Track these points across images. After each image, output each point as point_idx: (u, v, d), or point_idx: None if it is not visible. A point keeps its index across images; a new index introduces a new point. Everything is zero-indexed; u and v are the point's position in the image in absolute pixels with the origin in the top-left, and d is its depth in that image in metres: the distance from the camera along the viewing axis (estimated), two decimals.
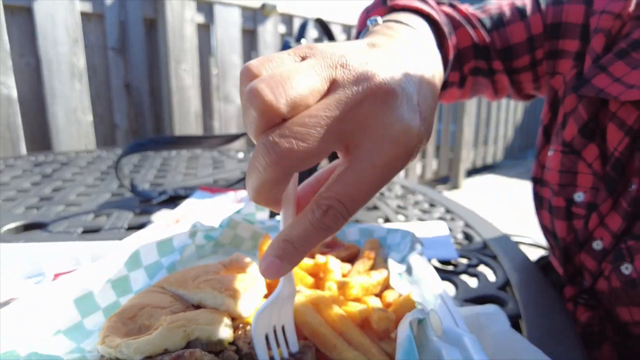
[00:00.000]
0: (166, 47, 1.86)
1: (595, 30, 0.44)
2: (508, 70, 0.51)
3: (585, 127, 0.44)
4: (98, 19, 1.77)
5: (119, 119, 1.88)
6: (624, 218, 0.41)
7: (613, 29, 0.43)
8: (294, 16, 2.32)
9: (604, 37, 0.43)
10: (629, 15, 0.43)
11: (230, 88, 2.14)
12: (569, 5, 0.47)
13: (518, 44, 0.49)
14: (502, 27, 0.50)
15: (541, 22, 0.49)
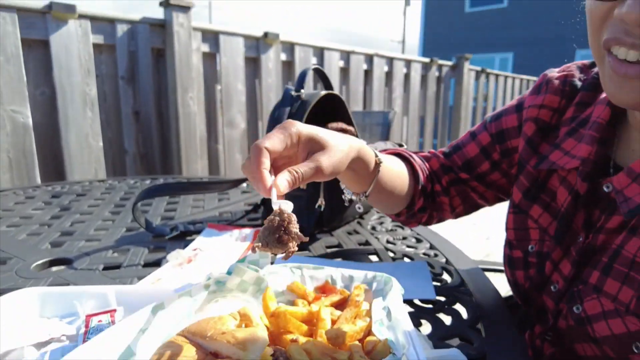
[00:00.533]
0: (174, 76, 1.95)
1: (525, 120, 0.57)
2: (476, 177, 0.64)
3: (528, 191, 0.55)
4: (110, 49, 1.87)
5: (127, 144, 1.96)
6: (573, 265, 0.48)
7: (543, 116, 0.55)
8: (295, 44, 2.42)
9: (532, 124, 0.56)
10: (568, 104, 0.54)
11: (235, 113, 2.22)
12: (506, 116, 0.61)
13: (474, 156, 0.63)
14: (459, 150, 0.65)
15: (488, 135, 0.62)
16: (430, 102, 3.61)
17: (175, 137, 2.03)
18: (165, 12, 1.92)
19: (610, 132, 0.49)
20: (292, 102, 0.81)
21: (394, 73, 3.15)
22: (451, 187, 0.66)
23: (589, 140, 0.49)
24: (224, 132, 2.22)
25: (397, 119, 3.30)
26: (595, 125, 0.49)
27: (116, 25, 1.84)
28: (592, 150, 0.48)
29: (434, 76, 3.58)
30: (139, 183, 1.22)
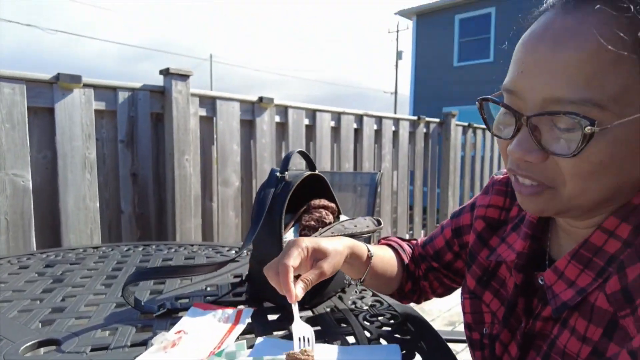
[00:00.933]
0: (171, 139, 2.04)
1: (476, 218, 0.65)
2: (444, 266, 0.75)
3: (480, 279, 0.62)
4: (111, 115, 1.97)
5: (124, 204, 2.02)
6: (519, 348, 0.53)
7: (490, 214, 0.63)
8: (289, 107, 2.55)
9: (482, 221, 0.64)
10: (512, 203, 0.63)
11: (230, 173, 2.30)
12: (463, 214, 0.71)
13: (441, 248, 0.74)
14: (431, 241, 0.77)
15: (450, 230, 0.73)
16: (419, 157, 3.72)
17: (170, 198, 2.09)
18: (164, 80, 2.05)
19: (544, 228, 0.56)
20: (277, 183, 0.87)
21: (383, 131, 3.28)
22: (428, 274, 0.78)
23: (523, 235, 0.55)
24: (218, 191, 2.29)
25: (387, 173, 3.39)
26: (527, 223, 0.56)
27: (118, 93, 1.95)
28: (525, 244, 0.54)
29: (422, 133, 3.72)
30: (132, 250, 1.26)
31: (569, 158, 0.40)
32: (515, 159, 0.45)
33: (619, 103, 0.38)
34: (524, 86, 0.42)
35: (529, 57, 0.42)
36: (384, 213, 3.40)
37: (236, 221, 2.37)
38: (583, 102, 0.38)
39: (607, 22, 0.38)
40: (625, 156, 0.40)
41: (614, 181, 0.42)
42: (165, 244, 1.36)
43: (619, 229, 0.44)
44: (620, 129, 0.39)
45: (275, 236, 0.82)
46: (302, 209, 0.95)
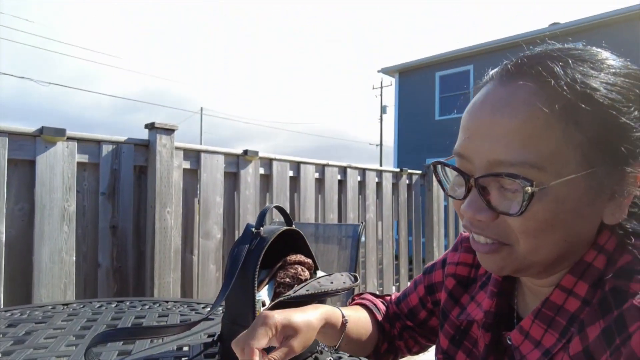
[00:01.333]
0: (153, 192, 2.04)
1: (446, 276, 0.66)
2: (419, 325, 0.74)
3: (453, 339, 0.62)
4: (93, 167, 1.97)
5: (102, 257, 1.97)
6: None
7: (460, 272, 0.64)
8: (273, 159, 2.59)
9: (452, 279, 0.65)
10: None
11: (211, 225, 2.28)
12: (435, 270, 0.72)
13: (415, 306, 0.74)
14: (405, 298, 0.77)
15: (423, 287, 0.74)
16: (403, 208, 3.76)
17: (150, 251, 2.05)
18: (149, 133, 2.08)
19: (510, 286, 0.56)
20: (252, 239, 0.87)
21: (366, 182, 3.33)
22: (403, 332, 0.77)
23: (490, 294, 0.56)
24: (199, 243, 2.26)
25: (372, 223, 3.40)
26: (493, 281, 0.57)
27: (102, 146, 1.96)
28: (492, 303, 0.55)
29: (405, 184, 3.78)
30: (104, 307, 1.22)
31: (516, 217, 0.42)
32: (468, 218, 0.47)
33: (554, 164, 0.41)
34: (471, 150, 0.46)
35: (473, 124, 0.46)
36: (369, 264, 3.36)
37: (217, 275, 2.32)
38: (521, 164, 0.41)
39: (535, 93, 0.42)
40: (570, 214, 0.42)
41: (563, 238, 0.43)
42: (139, 300, 1.32)
43: (577, 287, 0.45)
44: (560, 188, 0.41)
45: (248, 294, 0.81)
46: (277, 265, 0.95)
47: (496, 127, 0.43)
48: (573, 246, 0.45)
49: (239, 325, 0.80)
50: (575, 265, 0.46)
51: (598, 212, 0.44)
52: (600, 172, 0.42)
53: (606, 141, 0.42)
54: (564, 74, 0.42)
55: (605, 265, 0.45)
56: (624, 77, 0.44)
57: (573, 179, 0.41)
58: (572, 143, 0.41)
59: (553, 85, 0.42)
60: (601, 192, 0.43)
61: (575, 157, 0.41)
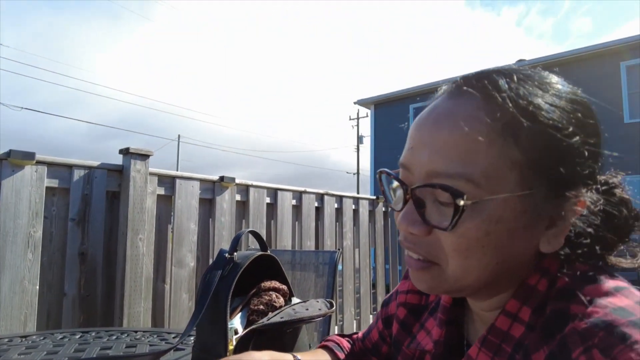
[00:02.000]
0: (125, 218, 1.99)
1: (398, 305, 0.64)
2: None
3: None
4: (63, 192, 1.91)
5: (68, 286, 1.88)
6: None
7: (411, 300, 0.63)
8: (250, 186, 2.58)
9: (403, 308, 0.63)
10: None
11: (185, 253, 2.23)
12: (391, 302, 0.69)
13: (377, 340, 0.71)
14: (369, 333, 0.73)
15: (381, 321, 0.70)
16: (380, 235, 3.77)
17: (120, 279, 1.98)
18: (124, 159, 2.04)
19: (460, 312, 0.54)
20: (225, 265, 0.86)
21: (343, 209, 3.34)
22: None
23: (439, 322, 0.53)
24: (172, 272, 2.19)
25: (349, 250, 3.39)
26: (442, 308, 0.54)
27: (73, 170, 1.91)
28: (441, 332, 0.52)
29: (381, 211, 3.81)
30: (67, 339, 1.16)
31: (448, 233, 0.41)
32: (402, 231, 0.46)
33: (490, 181, 0.40)
34: (412, 161, 0.45)
35: (416, 135, 0.46)
36: (346, 292, 3.33)
37: (189, 304, 2.25)
38: (457, 176, 0.40)
39: (478, 107, 0.42)
40: (502, 235, 0.41)
41: (495, 261, 0.42)
42: (106, 331, 1.26)
43: (521, 312, 0.43)
44: (493, 206, 0.40)
45: (220, 322, 0.79)
46: (251, 291, 0.93)
47: (437, 139, 0.43)
48: (507, 270, 0.43)
49: (210, 355, 0.77)
50: (519, 288, 0.45)
51: (534, 237, 0.43)
52: (538, 196, 0.41)
53: (546, 163, 0.41)
54: (509, 89, 0.42)
55: (547, 288, 0.43)
56: (569, 102, 0.43)
57: (508, 198, 0.40)
58: (511, 161, 0.40)
59: (497, 100, 0.41)
60: (538, 217, 0.42)
61: (512, 176, 0.40)
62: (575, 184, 0.42)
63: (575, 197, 0.42)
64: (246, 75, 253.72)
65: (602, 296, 0.39)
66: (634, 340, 0.33)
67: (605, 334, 0.35)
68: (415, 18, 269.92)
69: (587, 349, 0.35)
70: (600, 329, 0.35)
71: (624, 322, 0.35)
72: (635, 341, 0.33)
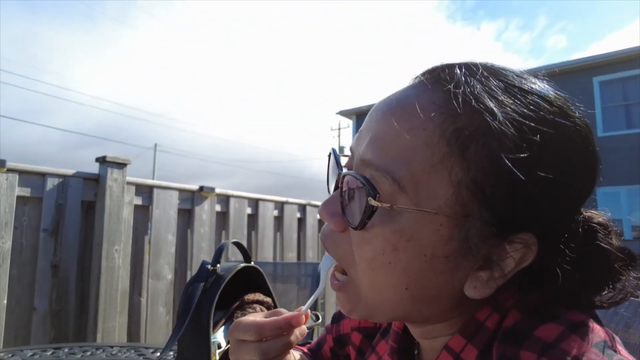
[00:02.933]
0: (101, 229, 1.92)
1: (352, 329, 0.59)
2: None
3: None
4: (36, 202, 1.84)
5: (38, 301, 1.80)
6: None
7: (364, 324, 0.58)
8: (231, 196, 2.54)
9: (357, 333, 0.57)
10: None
11: (162, 265, 2.17)
12: (342, 320, 0.62)
13: (330, 358, 0.64)
14: (320, 349, 0.66)
15: (332, 339, 0.64)
16: None
17: (94, 292, 1.91)
18: (100, 167, 1.99)
19: (410, 340, 0.48)
20: (208, 277, 0.83)
21: None
22: None
23: (390, 351, 0.48)
24: (148, 285, 2.13)
25: None
26: (393, 334, 0.48)
27: (47, 179, 1.85)
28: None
29: None
30: (38, 356, 1.10)
31: (357, 233, 0.36)
32: (324, 220, 0.41)
33: (419, 190, 0.34)
34: (355, 147, 0.40)
35: (367, 119, 0.41)
36: (329, 305, 3.30)
37: (167, 318, 2.18)
38: (384, 172, 0.35)
39: (434, 103, 0.36)
40: (413, 257, 0.35)
41: (404, 285, 0.36)
42: (80, 346, 1.20)
43: (465, 352, 0.37)
44: (410, 219, 0.34)
45: (203, 336, 0.76)
46: (235, 304, 0.90)
47: (380, 127, 0.37)
48: (424, 302, 0.37)
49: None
50: (466, 323, 0.38)
51: (458, 275, 0.35)
52: (473, 227, 0.34)
53: (491, 190, 0.33)
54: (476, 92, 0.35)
55: (496, 325, 0.36)
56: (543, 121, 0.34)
57: (432, 216, 0.34)
58: (450, 175, 0.33)
59: (453, 100, 0.35)
60: (468, 252, 0.34)
61: (447, 193, 0.34)
62: (524, 226, 0.33)
63: (523, 243, 0.34)
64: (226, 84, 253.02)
65: (560, 341, 0.32)
66: None
67: None
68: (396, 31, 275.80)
69: None
70: None
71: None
72: None
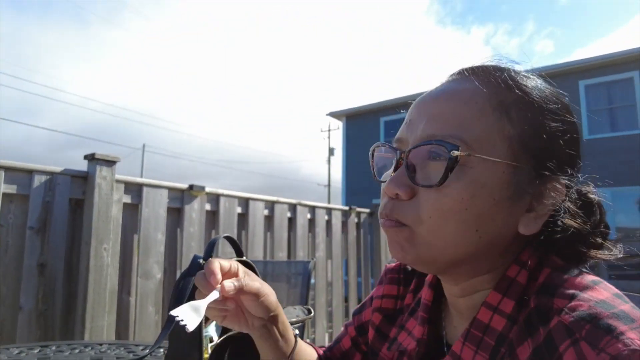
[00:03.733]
0: (89, 227, 1.90)
1: (373, 311, 0.63)
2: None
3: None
4: (22, 199, 1.80)
5: (24, 300, 1.77)
6: None
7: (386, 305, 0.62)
8: (221, 195, 2.53)
9: (378, 314, 0.63)
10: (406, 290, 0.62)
11: (152, 264, 2.15)
12: (365, 309, 0.67)
13: (348, 349, 0.68)
14: (337, 343, 0.71)
15: (354, 329, 0.68)
16: (352, 246, 3.77)
17: (82, 291, 1.88)
18: (89, 165, 1.96)
19: (438, 313, 0.54)
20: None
21: (316, 220, 3.33)
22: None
23: (421, 320, 0.53)
24: (137, 284, 2.10)
25: (321, 262, 3.37)
26: (423, 306, 0.54)
27: (34, 176, 1.82)
28: (424, 330, 0.52)
29: (354, 222, 3.83)
30: (25, 354, 1.08)
31: (433, 191, 0.43)
32: (388, 194, 0.47)
33: (482, 145, 0.43)
34: (408, 132, 0.48)
35: (414, 111, 0.49)
36: (319, 306, 3.30)
37: (156, 318, 2.16)
38: (451, 137, 0.43)
39: (477, 87, 0.46)
40: (486, 201, 0.43)
41: (475, 227, 0.43)
42: (68, 344, 1.19)
43: (502, 304, 0.44)
44: (481, 168, 0.43)
45: (194, 330, 0.76)
46: None
47: (436, 108, 0.46)
48: (485, 244, 0.44)
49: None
50: (500, 281, 0.45)
51: (514, 215, 0.44)
52: (523, 173, 0.44)
53: (532, 141, 0.44)
54: (503, 75, 0.47)
55: (527, 281, 0.44)
56: (554, 96, 0.48)
57: (497, 164, 0.43)
58: (503, 133, 0.44)
59: (492, 82, 0.46)
60: (521, 193, 0.44)
61: (503, 146, 0.43)
62: (556, 166, 0.45)
63: (555, 180, 0.45)
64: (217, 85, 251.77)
65: (583, 290, 0.40)
66: (619, 331, 0.34)
67: (591, 326, 0.35)
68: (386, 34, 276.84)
69: (574, 341, 0.35)
70: (587, 322, 0.36)
71: (607, 315, 0.35)
72: (621, 332, 0.34)
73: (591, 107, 10.49)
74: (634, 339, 0.33)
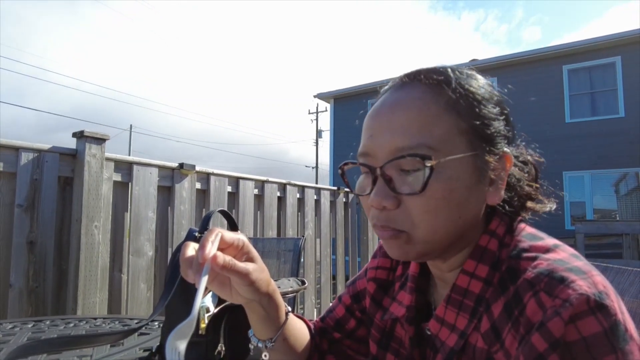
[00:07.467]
0: (79, 205, 1.89)
1: (368, 280, 0.68)
2: (347, 335, 0.72)
3: (380, 342, 0.63)
4: (9, 177, 1.78)
5: (14, 277, 1.77)
6: None
7: (380, 276, 0.67)
8: (211, 174, 2.53)
9: (373, 283, 0.67)
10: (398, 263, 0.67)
11: (143, 242, 2.16)
12: (359, 280, 0.72)
13: (342, 316, 0.72)
14: (330, 313, 0.74)
15: (349, 297, 0.72)
16: (340, 225, 3.83)
17: (74, 269, 1.89)
18: (78, 142, 1.94)
19: (425, 281, 0.60)
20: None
21: (305, 200, 3.35)
22: (332, 346, 0.73)
23: (409, 290, 0.59)
24: (129, 261, 2.12)
25: (310, 240, 3.41)
26: (411, 277, 0.60)
27: (21, 153, 1.79)
28: (412, 298, 0.58)
29: (342, 202, 3.87)
30: (19, 328, 1.10)
31: (417, 197, 0.47)
32: (375, 207, 0.50)
33: (446, 146, 0.48)
34: (373, 146, 0.51)
35: (374, 124, 0.52)
36: (307, 282, 3.35)
37: (148, 294, 2.19)
38: (418, 146, 0.47)
39: (425, 92, 0.51)
40: (462, 191, 0.48)
41: (458, 215, 0.49)
42: (62, 319, 1.21)
43: (478, 270, 0.50)
44: (452, 166, 0.48)
45: (190, 303, 0.78)
46: None
47: (395, 121, 0.50)
48: (466, 224, 0.50)
49: None
50: (474, 250, 0.52)
51: (482, 193, 0.51)
52: (480, 156, 0.50)
53: (482, 129, 0.50)
54: (448, 77, 0.51)
55: (498, 248, 0.51)
56: (488, 86, 0.54)
57: (462, 158, 0.48)
58: (458, 129, 0.49)
59: (436, 85, 0.51)
60: (483, 175, 0.50)
61: (462, 141, 0.49)
62: (503, 143, 0.52)
63: (503, 152, 0.52)
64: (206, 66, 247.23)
65: (544, 252, 0.47)
66: (571, 280, 0.41)
67: (548, 279, 0.42)
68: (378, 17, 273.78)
69: (535, 292, 0.42)
70: (545, 276, 0.43)
71: (562, 269, 0.43)
72: (572, 281, 0.41)
73: (573, 91, 10.58)
74: (582, 285, 0.40)
